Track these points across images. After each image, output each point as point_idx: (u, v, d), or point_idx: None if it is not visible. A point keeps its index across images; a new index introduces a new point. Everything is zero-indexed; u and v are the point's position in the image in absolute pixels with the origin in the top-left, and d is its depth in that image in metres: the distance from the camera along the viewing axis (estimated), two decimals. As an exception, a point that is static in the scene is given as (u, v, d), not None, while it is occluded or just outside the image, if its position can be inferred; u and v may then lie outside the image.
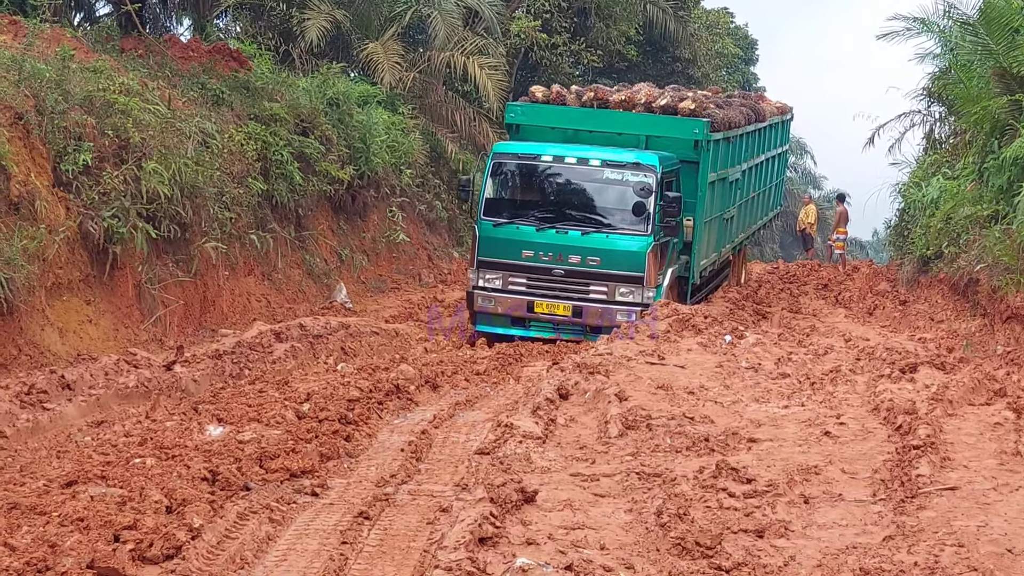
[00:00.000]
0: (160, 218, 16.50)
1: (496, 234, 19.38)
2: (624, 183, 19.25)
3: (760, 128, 27.01)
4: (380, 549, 7.50)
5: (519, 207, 19.89)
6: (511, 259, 19.20)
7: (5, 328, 13.43)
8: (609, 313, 18.78)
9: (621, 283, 18.85)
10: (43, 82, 15.53)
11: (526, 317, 19.24)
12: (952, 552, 6.73)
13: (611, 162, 19.31)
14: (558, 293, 19.03)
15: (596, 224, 19.25)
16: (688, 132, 21.12)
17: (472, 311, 19.56)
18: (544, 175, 20.00)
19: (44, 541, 6.96)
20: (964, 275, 20.10)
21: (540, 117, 21.68)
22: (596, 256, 18.93)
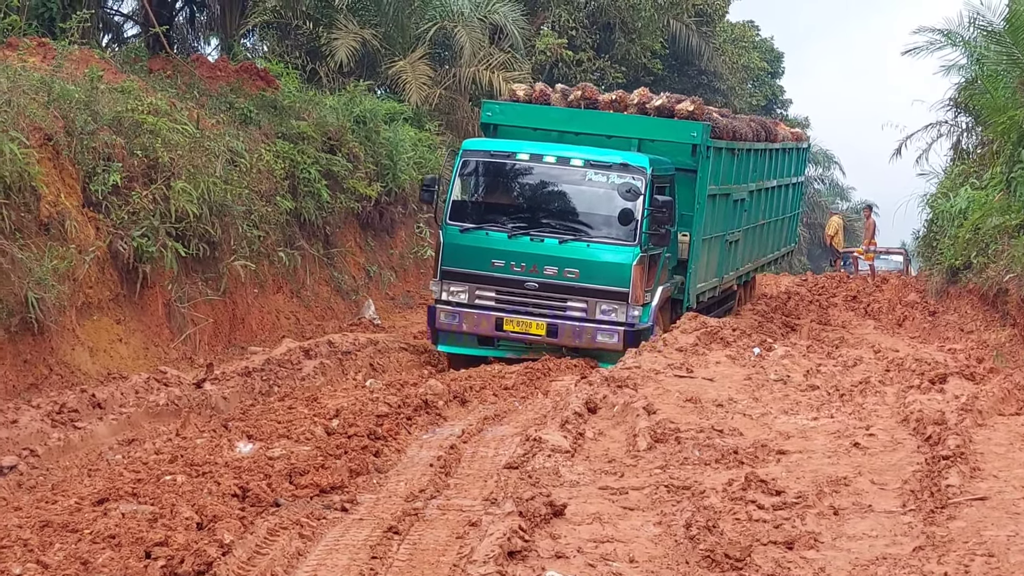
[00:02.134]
0: (189, 237, 16.57)
1: (463, 241, 17.40)
2: (609, 186, 17.24)
3: (771, 149, 25.14)
4: (410, 564, 7.51)
5: (490, 211, 17.92)
6: (479, 270, 17.23)
7: (36, 348, 13.50)
8: (589, 333, 16.91)
9: (603, 299, 16.87)
10: (72, 103, 15.61)
11: (495, 336, 17.30)
12: (982, 562, 6.71)
13: (595, 162, 17.34)
14: (531, 309, 17.04)
15: (576, 232, 17.27)
16: (685, 135, 19.22)
17: (433, 329, 17.57)
18: (519, 176, 18.07)
19: (76, 558, 6.99)
20: (993, 285, 20.04)
21: (520, 117, 19.74)
22: (575, 268, 16.97)
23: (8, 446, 10.33)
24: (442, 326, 17.33)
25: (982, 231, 21.69)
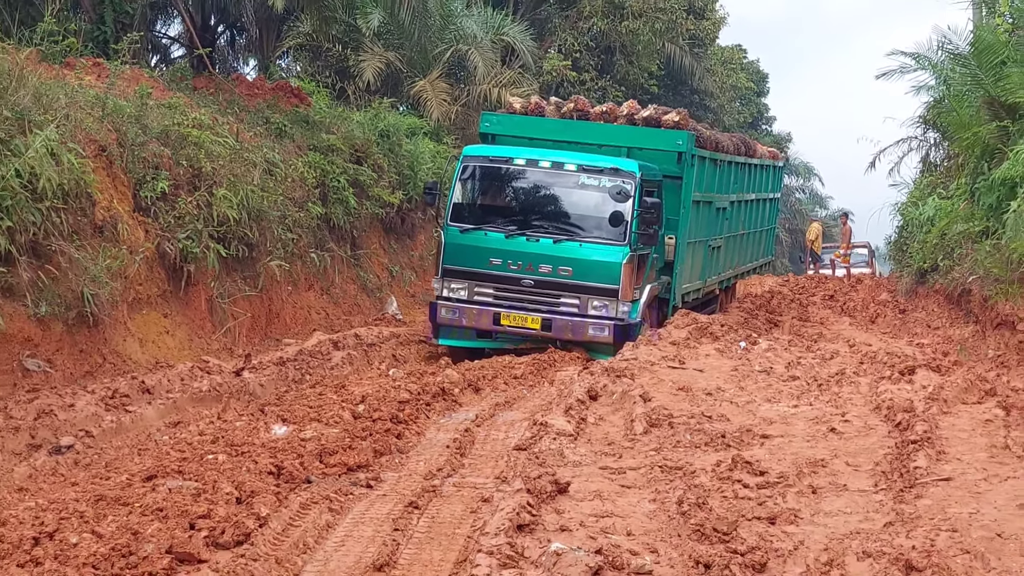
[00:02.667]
0: (229, 239, 16.60)
1: (463, 241, 16.95)
2: (601, 189, 16.79)
3: (751, 164, 24.65)
4: (428, 535, 7.53)
5: (488, 213, 17.39)
6: (478, 268, 16.80)
7: (91, 339, 13.53)
8: (581, 327, 16.52)
9: (594, 295, 16.45)
10: (124, 118, 15.65)
11: (492, 330, 16.90)
12: (947, 536, 6.71)
13: (587, 167, 16.92)
14: (527, 305, 16.62)
15: (569, 232, 16.83)
16: (671, 144, 18.78)
17: (435, 323, 17.18)
18: (516, 180, 17.54)
19: (127, 529, 7.02)
20: (958, 286, 20.01)
21: (516, 128, 19.32)
22: (568, 266, 16.53)
23: (66, 427, 10.37)
24: (443, 321, 16.94)
25: (948, 237, 21.66)
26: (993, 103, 20.03)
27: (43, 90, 14.22)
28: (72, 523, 7.18)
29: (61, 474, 9.18)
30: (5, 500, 8.28)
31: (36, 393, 11.66)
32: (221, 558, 6.79)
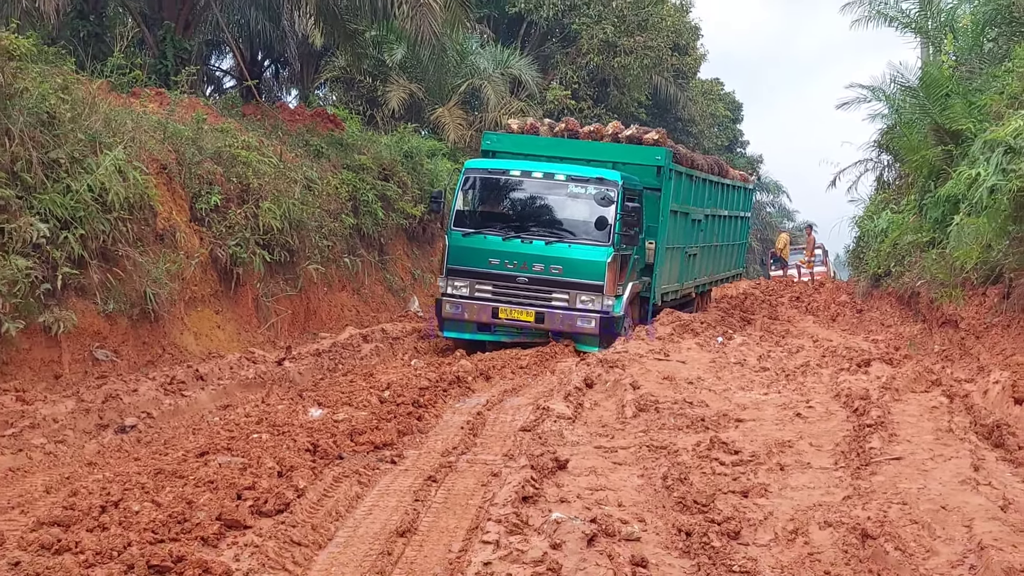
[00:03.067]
0: (273, 246, 16.62)
1: (465, 243, 16.75)
2: (587, 197, 16.57)
3: (724, 183, 24.41)
4: (445, 505, 7.53)
5: (488, 218, 17.09)
6: (478, 267, 16.57)
7: (152, 332, 13.55)
8: (570, 319, 16.31)
9: (582, 291, 16.24)
10: (182, 140, 15.68)
11: (491, 323, 16.57)
12: (898, 509, 6.70)
13: (575, 177, 16.74)
14: (522, 300, 16.39)
15: (559, 235, 16.60)
16: (651, 159, 18.71)
17: (440, 318, 16.91)
18: (512, 189, 17.27)
19: (182, 499, 7.02)
20: (908, 289, 20.02)
21: (514, 145, 19.09)
22: (558, 265, 16.31)
23: (130, 410, 10.39)
24: (447, 315, 16.68)
25: (899, 246, 21.70)
26: (939, 130, 20.03)
27: (112, 116, 14.26)
28: (134, 493, 7.18)
29: (125, 450, 9.19)
30: (77, 473, 8.30)
31: (104, 379, 11.68)
32: (264, 524, 6.79)
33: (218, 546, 6.38)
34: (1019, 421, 9.48)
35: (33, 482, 8.05)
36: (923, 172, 20.72)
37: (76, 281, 12.23)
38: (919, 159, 20.51)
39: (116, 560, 5.95)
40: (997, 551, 5.78)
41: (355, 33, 25.42)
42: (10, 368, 11.13)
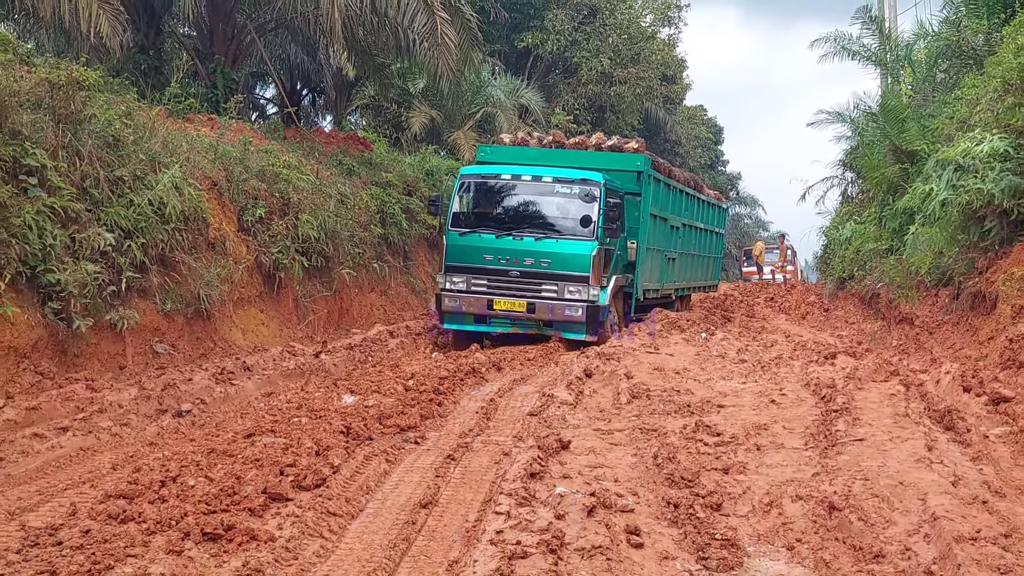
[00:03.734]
0: (311, 253, 16.68)
1: (461, 242, 16.11)
2: (573, 196, 16.00)
3: (699, 197, 23.71)
4: (462, 480, 7.54)
5: (482, 219, 16.40)
6: (474, 263, 15.94)
7: (205, 329, 13.60)
8: (559, 308, 15.67)
9: (569, 282, 15.61)
10: (231, 160, 15.75)
11: (487, 314, 15.93)
12: (860, 484, 6.69)
13: (561, 178, 16.20)
14: (514, 292, 15.77)
15: (548, 231, 15.99)
16: (632, 164, 18.16)
17: (440, 311, 16.23)
18: (504, 191, 16.60)
19: (232, 475, 7.05)
20: (869, 291, 20.00)
21: (506, 156, 18.42)
22: (547, 259, 15.70)
23: (186, 396, 10.42)
24: (447, 308, 16.03)
25: (861, 253, 21.68)
26: (896, 150, 20.03)
27: (169, 139, 14.32)
28: (190, 470, 7.21)
29: (182, 432, 9.22)
30: (139, 452, 8.33)
31: (163, 370, 11.73)
32: (304, 497, 6.82)
33: (263, 516, 6.41)
34: (967, 407, 9.46)
35: (101, 460, 8.08)
36: (882, 188, 20.72)
37: (138, 284, 12.28)
38: (879, 176, 20.51)
39: (174, 528, 5.99)
40: (948, 521, 5.78)
41: (382, 66, 25.51)
42: (81, 360, 11.17)
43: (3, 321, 10.24)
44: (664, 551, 5.86)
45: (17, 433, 8.64)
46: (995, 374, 10.48)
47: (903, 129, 19.92)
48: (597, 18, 39.16)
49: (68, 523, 6.13)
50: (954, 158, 13.45)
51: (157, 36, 21.61)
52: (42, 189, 11.01)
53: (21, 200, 10.72)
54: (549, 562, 5.41)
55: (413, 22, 22.13)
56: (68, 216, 11.30)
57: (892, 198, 19.77)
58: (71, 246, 11.23)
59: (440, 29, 22.08)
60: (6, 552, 5.66)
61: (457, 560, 5.67)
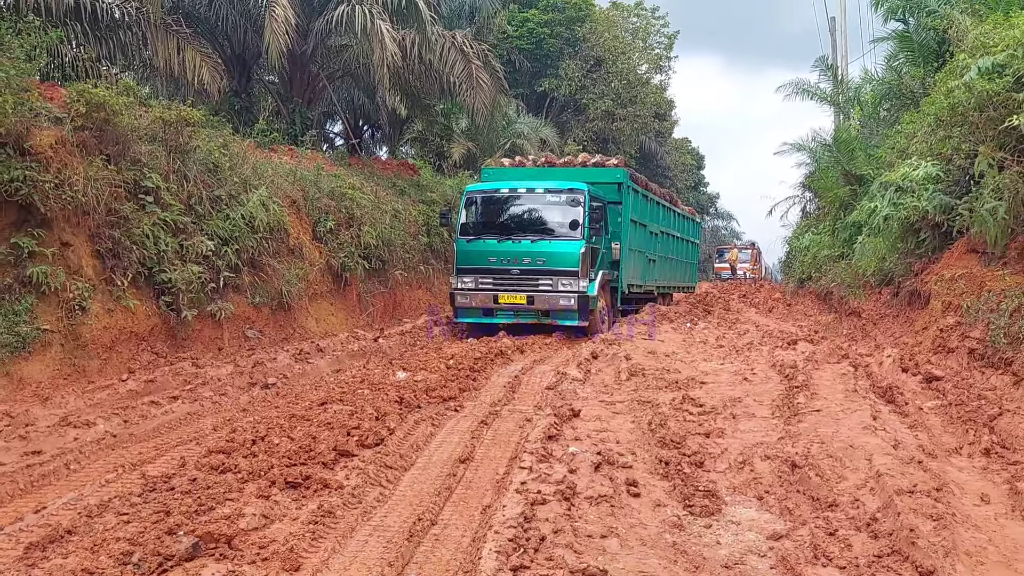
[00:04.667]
0: (371, 257, 16.75)
1: (469, 247, 15.53)
2: (562, 203, 15.38)
3: (675, 211, 22.96)
4: (493, 440, 7.56)
5: (486, 227, 15.75)
6: (481, 265, 15.38)
7: (286, 318, 13.68)
8: (554, 299, 15.03)
9: (562, 276, 14.99)
10: (307, 182, 15.85)
11: (493, 307, 15.37)
12: (817, 446, 6.68)
13: (552, 189, 15.63)
14: (516, 287, 15.21)
15: (542, 234, 15.38)
16: (613, 177, 17.49)
17: (454, 307, 15.71)
18: (504, 202, 15.96)
19: (308, 435, 7.10)
20: (824, 289, 19.87)
21: (505, 175, 17.70)
22: (542, 257, 15.10)
23: (271, 372, 10.50)
24: (459, 304, 15.52)
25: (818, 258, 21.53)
26: (847, 174, 19.87)
27: (258, 166, 14.44)
28: (275, 431, 7.27)
29: (268, 401, 9.30)
30: (235, 417, 8.40)
31: (253, 351, 11.82)
32: (366, 454, 6.86)
33: (334, 468, 6.45)
34: (905, 384, 9.40)
35: (204, 423, 8.17)
36: (835, 205, 20.56)
37: (233, 282, 12.39)
38: (832, 195, 20.35)
39: (263, 478, 6.04)
40: (890, 477, 5.76)
41: (428, 106, 25.58)
42: (187, 343, 11.28)
43: (126, 312, 10.36)
44: (657, 500, 5.87)
45: (137, 401, 8.75)
46: (928, 358, 10.40)
47: (853, 157, 19.77)
48: (602, 67, 39.11)
49: (179, 473, 6.21)
50: (895, 181, 13.35)
51: (248, 83, 21.75)
52: (157, 205, 11.14)
53: (140, 214, 10.85)
54: (564, 507, 5.43)
55: (453, 69, 22.18)
56: (177, 227, 11.42)
57: (843, 213, 19.64)
58: (180, 251, 11.34)
59: (475, 74, 22.13)
60: (130, 496, 5.74)
61: (489, 505, 5.69)
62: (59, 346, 9.35)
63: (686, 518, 5.60)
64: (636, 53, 42.74)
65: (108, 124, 10.73)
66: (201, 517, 5.23)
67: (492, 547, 4.74)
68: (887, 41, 20.10)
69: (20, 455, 6.82)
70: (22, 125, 9.48)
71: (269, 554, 4.81)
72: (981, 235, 10.93)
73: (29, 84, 10.06)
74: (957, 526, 5.16)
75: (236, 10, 20.40)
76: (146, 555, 4.64)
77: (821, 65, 26.92)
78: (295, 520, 5.38)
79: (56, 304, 9.45)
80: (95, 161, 10.31)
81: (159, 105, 12.53)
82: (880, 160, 17.83)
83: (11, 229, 9.34)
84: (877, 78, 21.47)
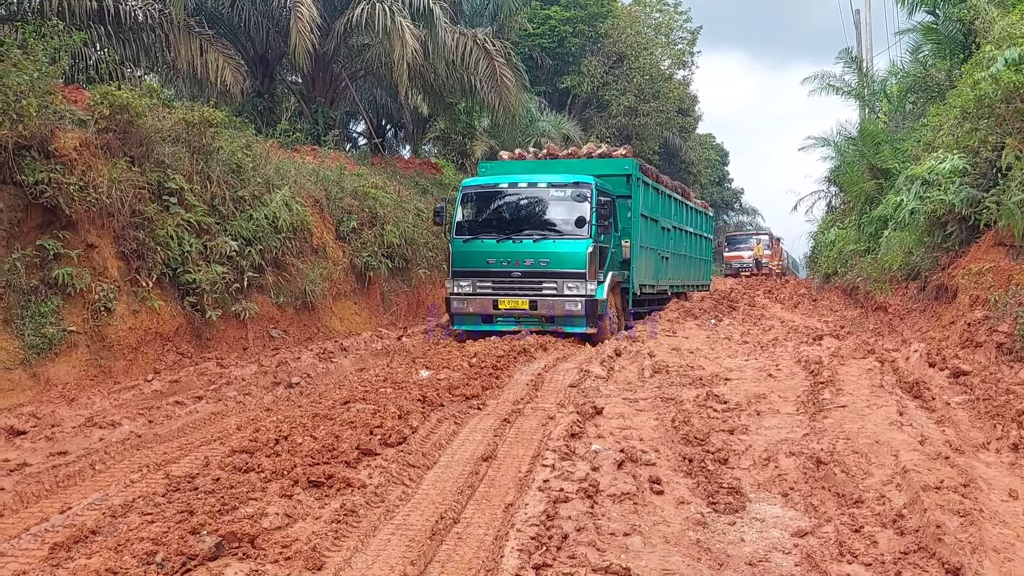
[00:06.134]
0: (394, 256, 16.78)
1: (466, 248, 14.27)
2: (567, 198, 14.14)
3: (687, 204, 21.56)
4: (516, 438, 7.54)
5: (484, 225, 14.48)
6: (478, 267, 14.12)
7: (310, 318, 13.74)
8: (559, 304, 13.83)
9: (568, 279, 13.77)
10: (329, 182, 15.90)
11: (492, 314, 14.15)
12: (843, 443, 6.61)
13: (555, 183, 14.37)
14: (517, 291, 13.95)
15: (546, 233, 14.11)
16: (621, 168, 16.12)
17: (450, 314, 14.46)
18: (502, 198, 14.70)
19: (331, 434, 7.11)
20: (850, 284, 19.69)
21: (504, 169, 16.44)
22: (546, 258, 13.86)
23: (295, 372, 10.54)
24: (456, 311, 14.27)
25: (843, 253, 21.35)
26: (873, 168, 19.69)
27: (280, 166, 14.50)
28: (298, 430, 7.29)
29: (292, 400, 9.33)
30: (258, 416, 8.44)
31: (277, 351, 11.88)
32: (389, 452, 6.86)
33: (357, 467, 6.45)
34: (932, 379, 9.29)
35: (228, 422, 8.21)
36: (861, 199, 20.38)
37: (257, 282, 12.45)
38: (858, 190, 20.18)
39: (286, 477, 6.05)
40: (916, 473, 5.69)
41: (450, 105, 25.59)
42: (212, 343, 11.35)
43: (151, 312, 10.44)
44: (680, 497, 5.83)
45: (162, 401, 8.81)
46: (955, 352, 10.27)
47: (878, 151, 19.59)
48: (624, 63, 38.96)
49: (202, 472, 6.23)
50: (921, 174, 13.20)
51: (270, 83, 21.87)
52: (181, 207, 11.21)
53: (164, 216, 10.93)
54: (587, 505, 5.40)
55: (476, 68, 22.19)
56: (201, 228, 11.49)
57: (869, 208, 19.46)
58: (204, 252, 11.42)
59: (498, 72, 22.13)
60: (154, 495, 5.78)
61: (512, 503, 5.67)
62: (85, 347, 9.44)
63: (710, 515, 5.55)
64: (659, 49, 42.60)
65: (132, 126, 10.82)
66: (224, 517, 5.25)
67: (514, 545, 4.72)
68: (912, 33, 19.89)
69: (46, 456, 6.89)
70: (46, 128, 9.58)
71: (292, 553, 4.82)
72: (1009, 228, 10.79)
73: (53, 87, 10.16)
74: (985, 522, 5.08)
75: (258, 11, 20.52)
76: (170, 555, 4.66)
77: (845, 57, 26.70)
78: (318, 519, 5.39)
79: (82, 305, 9.54)
80: (119, 163, 10.40)
81: (182, 107, 12.62)
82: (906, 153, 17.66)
83: (37, 231, 9.44)
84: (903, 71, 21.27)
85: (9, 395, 8.40)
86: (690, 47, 45.74)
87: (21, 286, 9.00)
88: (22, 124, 9.10)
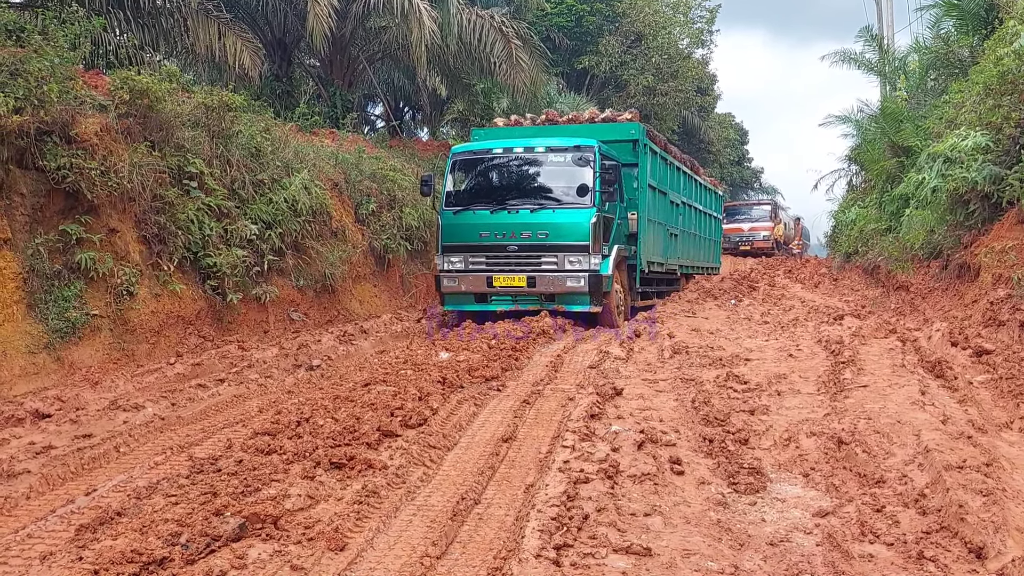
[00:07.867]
0: (412, 239, 16.78)
1: (456, 221, 13.11)
2: (567, 163, 12.87)
3: (697, 179, 20.06)
4: (535, 420, 7.55)
5: (476, 195, 13.33)
6: (470, 241, 12.98)
7: (330, 300, 13.78)
8: (560, 280, 12.73)
9: (569, 252, 12.63)
10: (348, 165, 15.89)
11: (487, 292, 13.08)
12: (864, 423, 6.56)
13: (555, 147, 13.09)
14: (513, 267, 12.82)
15: (544, 202, 12.89)
16: (627, 133, 14.74)
17: (440, 293, 13.43)
18: (496, 165, 13.51)
19: (353, 416, 7.14)
20: (871, 263, 19.51)
21: (500, 136, 15.07)
22: (545, 230, 12.68)
23: (316, 354, 10.59)
24: (446, 289, 13.23)
25: (864, 232, 21.14)
26: (894, 146, 19.47)
27: (299, 149, 14.50)
28: (319, 412, 7.33)
29: (313, 382, 9.38)
30: (280, 399, 8.50)
31: (297, 333, 11.93)
32: (409, 433, 6.89)
33: (378, 449, 6.49)
34: (955, 359, 9.20)
35: (250, 405, 8.27)
36: (882, 177, 20.17)
37: (277, 265, 12.50)
38: (879, 168, 19.97)
39: (308, 458, 6.09)
40: (938, 453, 5.64)
41: (468, 86, 25.50)
42: (233, 326, 11.42)
43: (173, 296, 10.51)
44: (701, 477, 5.82)
45: (185, 384, 8.87)
46: (978, 331, 10.16)
47: (899, 128, 19.36)
48: (642, 42, 38.63)
49: (225, 454, 6.28)
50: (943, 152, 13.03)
51: (288, 67, 21.87)
52: (201, 191, 11.26)
53: (185, 200, 10.98)
54: (607, 486, 5.40)
55: (493, 49, 22.09)
56: (221, 212, 11.54)
57: (890, 186, 19.25)
58: (224, 235, 11.46)
59: (515, 53, 22.03)
60: (178, 477, 5.83)
61: (532, 484, 5.69)
62: (108, 331, 9.52)
63: (730, 496, 5.54)
64: (677, 27, 42.17)
65: (152, 111, 10.85)
66: (247, 498, 5.29)
67: (535, 526, 4.73)
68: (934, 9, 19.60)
69: (71, 439, 6.96)
70: (68, 113, 9.62)
71: (314, 534, 4.85)
72: (1033, 205, 10.64)
73: (74, 72, 10.20)
74: (1008, 501, 5.04)
75: (275, -6, 20.50)
76: (194, 536, 4.70)
77: (866, 35, 26.35)
78: (340, 500, 5.42)
79: (104, 289, 9.61)
80: (139, 147, 10.44)
81: (201, 91, 12.65)
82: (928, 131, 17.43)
83: (59, 216, 9.50)
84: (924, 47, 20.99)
85: (34, 379, 8.50)
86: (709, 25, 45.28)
87: (44, 271, 9.08)
88: (43, 110, 9.14)
